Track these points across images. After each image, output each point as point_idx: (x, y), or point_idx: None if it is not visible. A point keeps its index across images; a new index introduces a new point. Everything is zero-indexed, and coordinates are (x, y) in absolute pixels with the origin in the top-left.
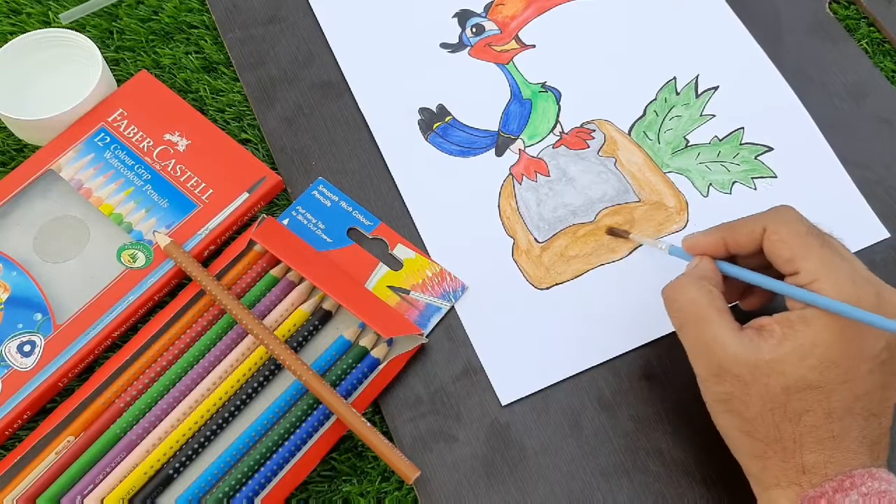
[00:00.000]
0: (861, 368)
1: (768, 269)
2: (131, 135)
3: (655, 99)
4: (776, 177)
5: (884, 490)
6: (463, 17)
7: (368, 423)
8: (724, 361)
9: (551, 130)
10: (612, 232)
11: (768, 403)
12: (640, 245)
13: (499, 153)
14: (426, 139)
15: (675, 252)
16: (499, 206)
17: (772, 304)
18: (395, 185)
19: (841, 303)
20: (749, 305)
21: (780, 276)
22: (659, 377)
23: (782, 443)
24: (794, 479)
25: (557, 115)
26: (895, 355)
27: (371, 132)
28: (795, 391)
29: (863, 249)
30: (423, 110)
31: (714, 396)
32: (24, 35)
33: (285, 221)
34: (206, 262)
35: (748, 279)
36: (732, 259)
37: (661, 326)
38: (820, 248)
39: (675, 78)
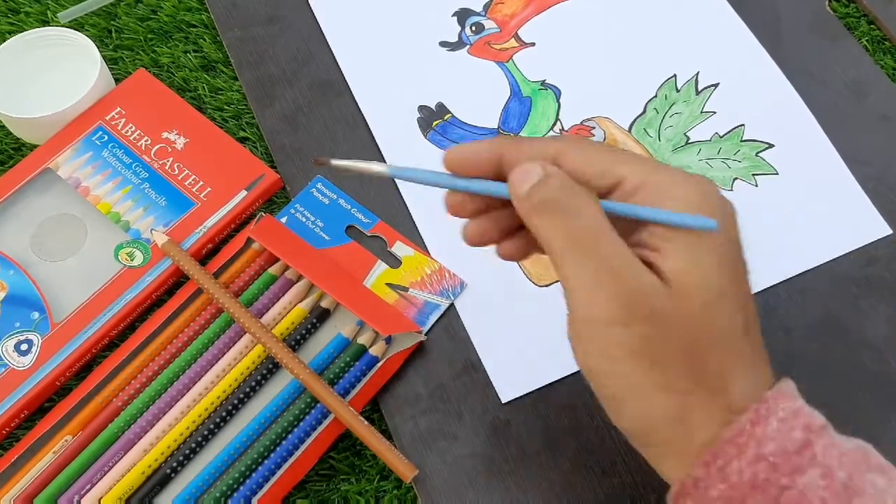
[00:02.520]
0: (740, 271)
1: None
2: (129, 133)
3: (656, 96)
4: (777, 174)
5: (798, 407)
6: (462, 15)
7: (366, 422)
8: (634, 298)
9: (551, 128)
10: (317, 161)
11: (690, 334)
12: None
13: None
14: (425, 137)
15: (404, 174)
16: None
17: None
18: (394, 183)
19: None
20: (507, 251)
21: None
22: None
23: (705, 382)
24: (720, 419)
25: (557, 113)
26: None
27: (370, 130)
28: (713, 307)
29: (865, 246)
30: (422, 108)
31: (617, 350)
32: (23, 34)
33: (283, 219)
34: (203, 260)
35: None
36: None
37: None
38: (624, 153)
39: (675, 75)
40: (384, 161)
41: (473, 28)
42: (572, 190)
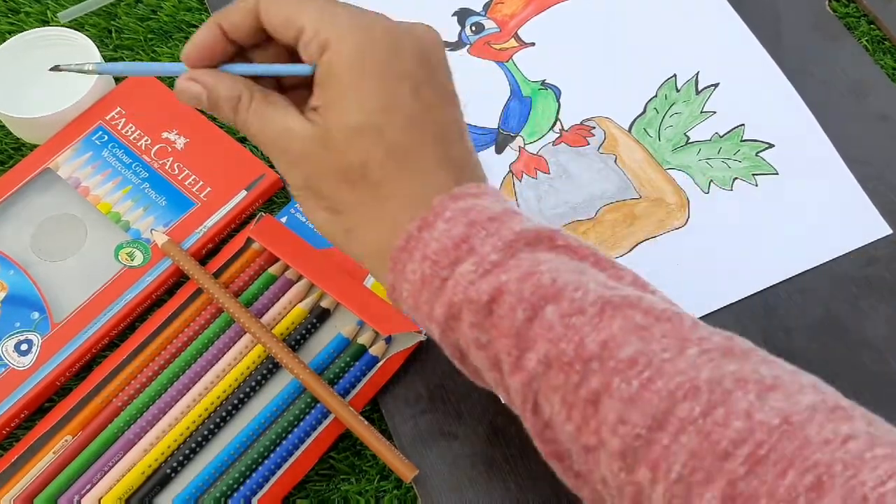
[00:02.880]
0: (402, 93)
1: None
2: (129, 133)
3: (656, 96)
4: (777, 173)
5: (470, 206)
6: (462, 15)
7: (366, 422)
8: (284, 146)
9: (551, 128)
10: (56, 68)
11: (342, 163)
12: (643, 241)
13: (498, 150)
14: None
15: (105, 68)
16: None
17: None
18: None
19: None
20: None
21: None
22: None
23: (374, 200)
24: (404, 232)
25: (557, 113)
26: (433, 73)
27: None
28: (353, 140)
29: (865, 246)
30: None
31: (296, 192)
32: (23, 34)
33: (283, 219)
34: (203, 260)
35: (253, 72)
36: (245, 57)
37: None
38: (311, 1)
39: (675, 75)
40: None
41: (473, 28)
42: (216, 86)
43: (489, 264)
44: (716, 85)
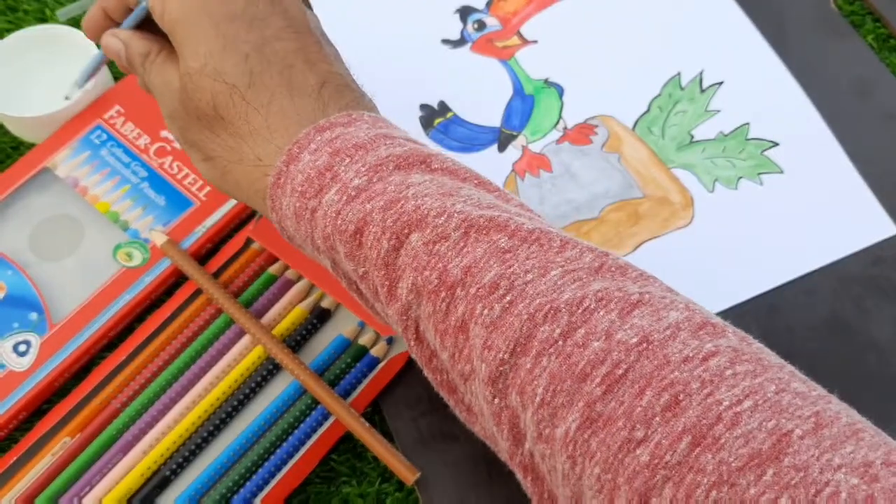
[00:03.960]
0: (235, 32)
1: None
2: (128, 132)
3: (660, 94)
4: (782, 172)
5: (335, 136)
6: (464, 12)
7: (367, 423)
8: (168, 98)
9: (554, 126)
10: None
11: (192, 104)
12: (647, 240)
13: (501, 149)
14: (427, 135)
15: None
16: None
17: None
18: None
19: None
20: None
21: None
22: None
23: (227, 146)
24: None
25: (560, 111)
26: (272, 6)
27: None
28: (198, 83)
29: (871, 246)
30: (423, 107)
31: (182, 146)
32: (21, 32)
33: None
34: (202, 259)
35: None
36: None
37: None
38: None
39: (679, 73)
40: None
41: (475, 25)
42: (130, 41)
43: (353, 190)
44: (720, 83)
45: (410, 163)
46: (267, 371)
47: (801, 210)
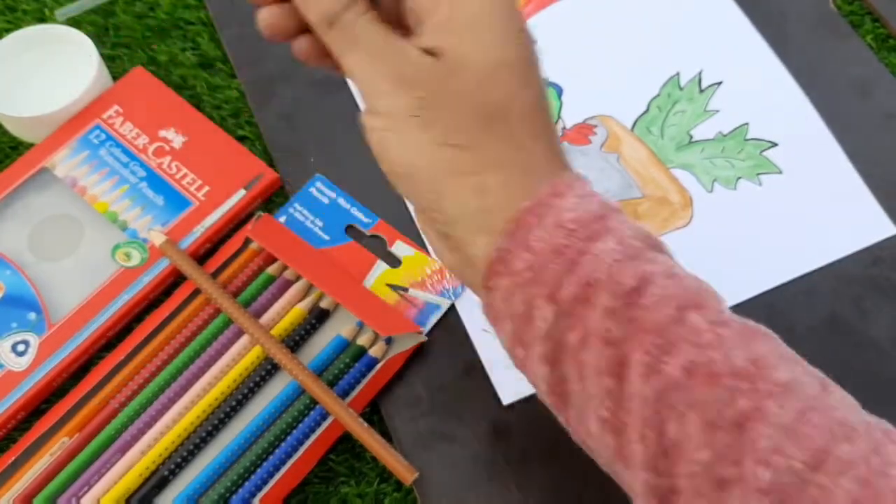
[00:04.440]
0: (527, 41)
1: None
2: (126, 132)
3: (658, 94)
4: (781, 173)
5: (593, 192)
6: None
7: (365, 424)
8: (400, 72)
9: None
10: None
11: (468, 103)
12: None
13: None
14: None
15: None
16: None
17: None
18: None
19: None
20: (300, 49)
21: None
22: None
23: (501, 155)
24: (521, 195)
25: (559, 111)
26: None
27: None
28: (498, 75)
29: (870, 246)
30: None
31: (395, 119)
32: (20, 31)
33: (282, 219)
34: (201, 260)
35: None
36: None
37: None
38: None
39: (678, 73)
40: None
41: None
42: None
43: (633, 249)
44: (719, 83)
45: (649, 233)
46: (265, 371)
47: (800, 210)
